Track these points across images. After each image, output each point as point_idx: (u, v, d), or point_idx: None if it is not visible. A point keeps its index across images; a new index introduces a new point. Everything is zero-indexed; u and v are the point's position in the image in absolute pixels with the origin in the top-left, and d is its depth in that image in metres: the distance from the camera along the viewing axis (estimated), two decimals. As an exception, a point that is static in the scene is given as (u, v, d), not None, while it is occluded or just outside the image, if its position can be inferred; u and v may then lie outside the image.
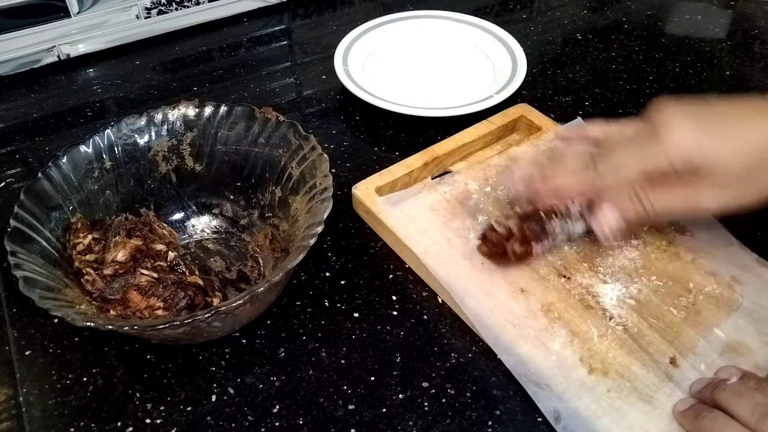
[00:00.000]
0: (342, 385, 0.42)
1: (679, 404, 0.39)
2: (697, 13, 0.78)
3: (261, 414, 0.40)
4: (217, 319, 0.39)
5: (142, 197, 0.49)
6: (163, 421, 0.40)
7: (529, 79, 0.66)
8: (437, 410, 0.40)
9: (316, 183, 0.44)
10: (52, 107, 0.65)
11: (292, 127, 0.48)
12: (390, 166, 0.53)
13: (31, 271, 0.39)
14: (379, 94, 0.61)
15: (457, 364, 0.43)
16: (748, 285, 0.46)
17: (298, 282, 0.48)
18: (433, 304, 0.46)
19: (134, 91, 0.67)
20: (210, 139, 0.49)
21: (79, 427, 0.40)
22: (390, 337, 0.44)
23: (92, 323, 0.36)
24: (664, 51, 0.71)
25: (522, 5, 0.79)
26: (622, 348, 0.42)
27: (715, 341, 0.42)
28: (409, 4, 0.79)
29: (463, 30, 0.71)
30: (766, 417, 0.35)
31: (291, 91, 0.66)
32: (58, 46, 0.68)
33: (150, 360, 0.43)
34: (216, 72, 0.69)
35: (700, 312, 0.44)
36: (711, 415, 0.37)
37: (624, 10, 0.78)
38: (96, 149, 0.47)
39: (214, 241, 0.50)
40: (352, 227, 0.52)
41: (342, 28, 0.72)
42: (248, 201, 0.50)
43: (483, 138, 0.56)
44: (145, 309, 0.42)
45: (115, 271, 0.43)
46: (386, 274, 0.48)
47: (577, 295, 0.45)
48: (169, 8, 0.71)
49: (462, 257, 0.48)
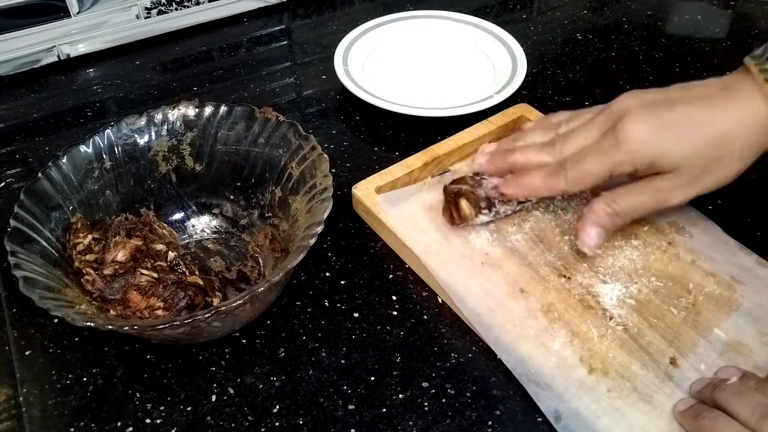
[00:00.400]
0: (342, 385, 0.42)
1: (679, 404, 0.39)
2: (697, 13, 0.78)
3: (261, 414, 0.40)
4: (217, 319, 0.39)
5: (142, 197, 0.49)
6: (163, 421, 0.40)
7: (529, 79, 0.66)
8: (437, 410, 0.40)
9: (316, 183, 0.44)
10: (52, 107, 0.65)
11: (292, 127, 0.48)
12: (390, 166, 0.53)
13: (31, 271, 0.39)
14: (379, 94, 0.61)
15: (457, 364, 0.43)
16: (748, 285, 0.46)
17: (298, 282, 0.48)
18: (433, 304, 0.46)
19: (134, 91, 0.67)
20: (210, 139, 0.49)
21: (79, 427, 0.40)
22: (390, 337, 0.44)
23: (92, 323, 0.36)
24: (664, 51, 0.71)
25: (522, 5, 0.79)
26: (622, 348, 0.42)
27: (715, 341, 0.42)
28: (409, 4, 0.79)
29: (463, 30, 0.71)
30: (766, 417, 0.35)
31: (291, 91, 0.66)
32: (58, 46, 0.68)
33: (150, 360, 0.43)
34: (216, 72, 0.69)
35: (700, 312, 0.44)
36: (711, 415, 0.37)
37: (624, 10, 0.78)
38: (96, 149, 0.47)
39: (214, 241, 0.50)
40: (352, 227, 0.52)
41: (342, 28, 0.72)
42: (248, 201, 0.50)
43: (483, 138, 0.56)
44: (145, 309, 0.42)
45: (115, 271, 0.43)
46: (386, 274, 0.48)
47: (577, 295, 0.45)
48: (169, 8, 0.71)
49: (462, 257, 0.48)
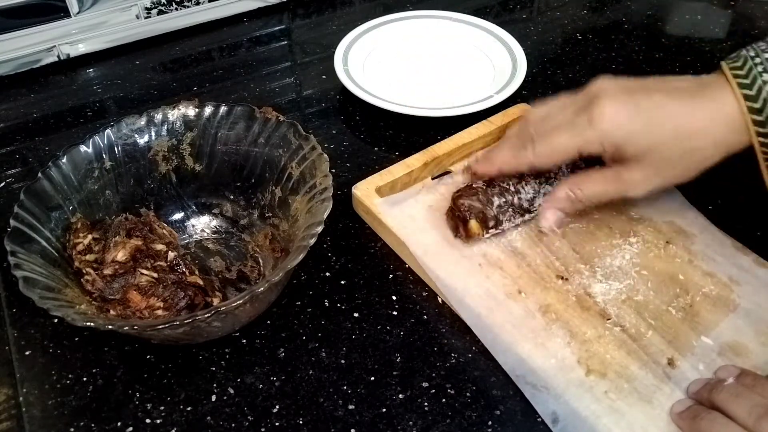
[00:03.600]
0: (342, 385, 0.42)
1: (677, 405, 0.39)
2: (697, 13, 0.78)
3: (261, 414, 0.40)
4: (217, 319, 0.39)
5: (142, 197, 0.49)
6: (163, 421, 0.40)
7: (529, 79, 0.66)
8: (437, 410, 0.40)
9: (316, 183, 0.44)
10: (52, 107, 0.65)
11: (292, 127, 0.48)
12: (390, 166, 0.53)
13: (31, 271, 0.39)
14: (379, 94, 0.61)
15: (457, 364, 0.43)
16: (746, 286, 0.46)
17: (298, 282, 0.48)
18: (433, 304, 0.46)
19: (134, 91, 0.67)
20: (210, 139, 0.49)
21: (79, 427, 0.40)
22: (390, 337, 0.44)
23: (92, 323, 0.36)
24: (664, 51, 0.71)
25: (522, 5, 0.79)
26: (620, 348, 0.42)
27: (714, 342, 0.43)
28: (409, 4, 0.79)
29: (463, 30, 0.71)
30: (763, 418, 0.35)
31: (291, 91, 0.66)
32: (58, 46, 0.68)
33: (150, 360, 0.43)
34: (216, 72, 0.69)
35: (698, 313, 0.44)
36: (708, 416, 0.37)
37: (624, 10, 0.78)
38: (96, 149, 0.47)
39: (214, 241, 0.50)
40: (352, 227, 0.52)
41: (342, 28, 0.72)
42: (248, 201, 0.50)
43: (483, 138, 0.56)
44: (145, 309, 0.42)
45: (115, 271, 0.43)
46: (386, 274, 0.48)
47: (576, 295, 0.45)
48: (169, 8, 0.71)
49: (462, 257, 0.48)
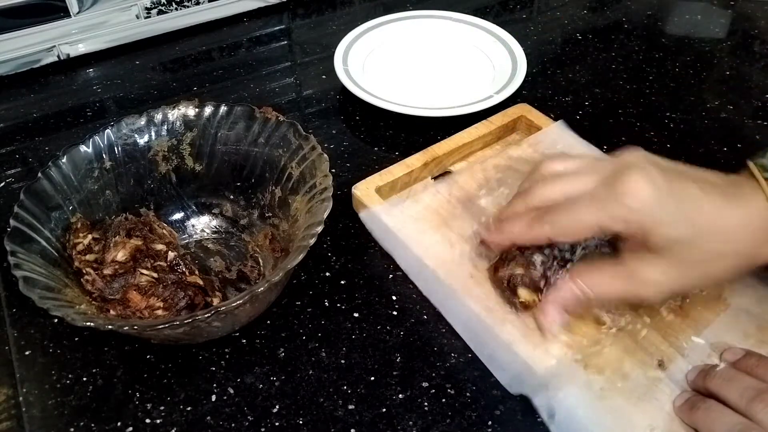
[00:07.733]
0: (342, 385, 0.42)
1: (678, 398, 0.40)
2: (697, 13, 0.78)
3: (261, 414, 0.40)
4: (217, 319, 0.39)
5: (142, 197, 0.49)
6: (163, 421, 0.40)
7: (529, 79, 0.66)
8: (437, 410, 0.40)
9: (316, 183, 0.44)
10: (52, 107, 0.65)
11: (292, 127, 0.48)
12: (390, 166, 0.53)
13: (31, 271, 0.39)
14: (379, 94, 0.61)
15: (457, 364, 0.43)
16: (735, 286, 0.46)
17: (298, 282, 0.48)
18: (433, 304, 0.46)
19: (134, 91, 0.67)
20: (210, 139, 0.49)
21: (79, 427, 0.40)
22: (390, 337, 0.44)
23: (92, 323, 0.36)
24: (664, 51, 0.71)
25: (522, 5, 0.79)
26: (617, 346, 0.42)
27: (704, 342, 0.43)
28: (409, 4, 0.79)
29: (463, 30, 0.71)
30: (754, 400, 0.36)
31: (291, 91, 0.66)
32: (58, 46, 0.68)
33: (150, 360, 0.43)
34: (216, 72, 0.69)
35: (688, 314, 0.44)
36: (704, 405, 0.38)
37: (624, 10, 0.78)
38: (96, 149, 0.47)
39: (214, 241, 0.50)
40: (352, 227, 0.52)
41: (342, 28, 0.72)
42: (248, 201, 0.50)
43: (483, 138, 0.56)
44: (145, 309, 0.42)
45: (115, 271, 0.43)
46: (386, 274, 0.48)
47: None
48: (169, 8, 0.71)
49: (462, 257, 0.48)
